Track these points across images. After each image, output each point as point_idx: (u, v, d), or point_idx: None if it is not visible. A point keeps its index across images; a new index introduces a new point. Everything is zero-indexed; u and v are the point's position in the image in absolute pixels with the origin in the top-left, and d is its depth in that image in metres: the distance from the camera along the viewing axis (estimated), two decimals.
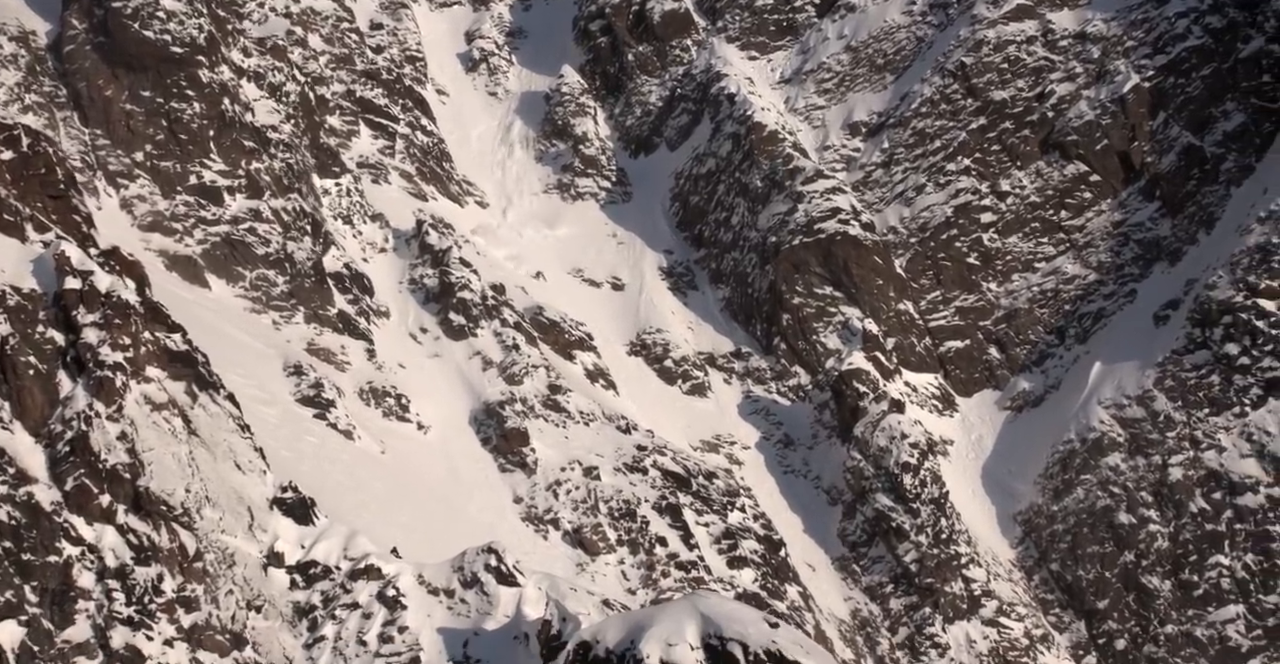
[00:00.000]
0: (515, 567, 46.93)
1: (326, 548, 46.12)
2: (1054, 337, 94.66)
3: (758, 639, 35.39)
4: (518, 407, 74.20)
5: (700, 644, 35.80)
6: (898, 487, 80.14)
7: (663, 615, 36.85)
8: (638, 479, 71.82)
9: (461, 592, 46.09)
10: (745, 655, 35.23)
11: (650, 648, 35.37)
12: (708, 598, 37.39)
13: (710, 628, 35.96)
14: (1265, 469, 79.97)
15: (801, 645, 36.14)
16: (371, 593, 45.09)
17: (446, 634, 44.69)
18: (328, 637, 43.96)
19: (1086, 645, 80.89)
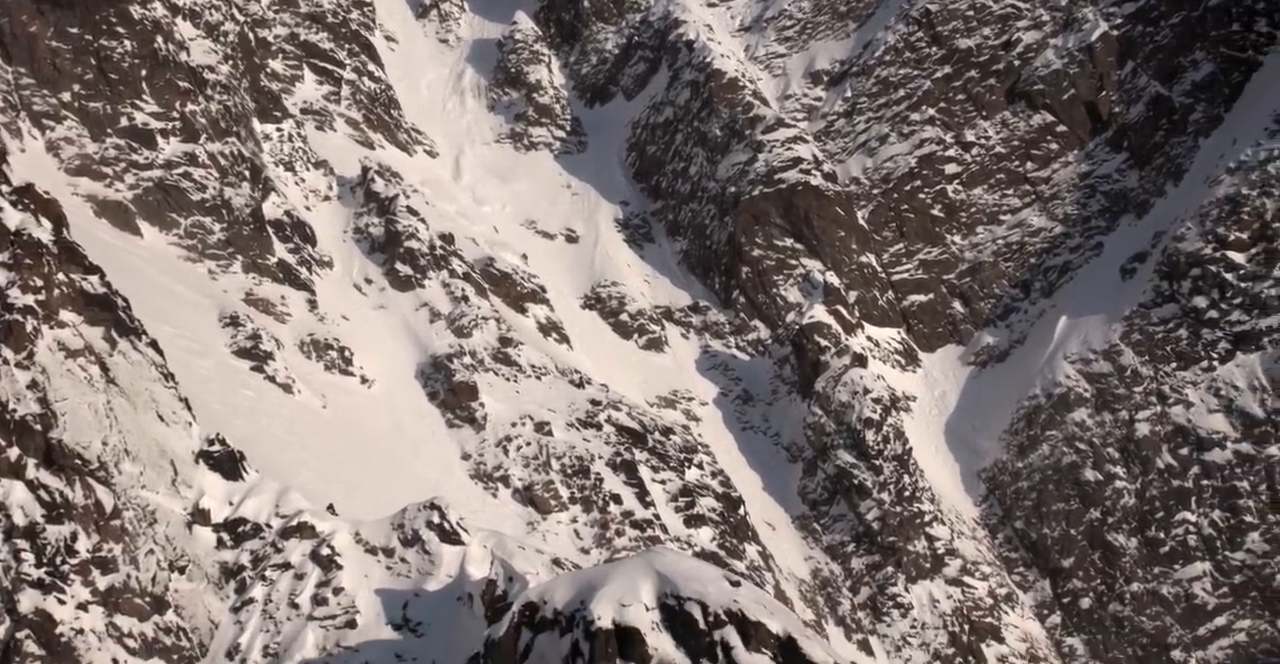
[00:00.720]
0: (459, 524, 44.16)
1: (256, 504, 43.17)
2: (1019, 290, 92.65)
3: (718, 599, 32.81)
4: (466, 360, 71.22)
5: (656, 604, 33.19)
6: (860, 443, 77.83)
7: (616, 574, 34.19)
8: (591, 435, 69.11)
9: (402, 550, 43.30)
10: (704, 616, 32.67)
11: (602, 609, 32.72)
12: (664, 555, 34.75)
13: (667, 587, 33.35)
14: (1233, 424, 78.25)
15: (764, 605, 33.60)
16: (305, 552, 42.21)
17: (385, 596, 41.90)
18: (257, 599, 41.10)
19: (1051, 604, 79.08)
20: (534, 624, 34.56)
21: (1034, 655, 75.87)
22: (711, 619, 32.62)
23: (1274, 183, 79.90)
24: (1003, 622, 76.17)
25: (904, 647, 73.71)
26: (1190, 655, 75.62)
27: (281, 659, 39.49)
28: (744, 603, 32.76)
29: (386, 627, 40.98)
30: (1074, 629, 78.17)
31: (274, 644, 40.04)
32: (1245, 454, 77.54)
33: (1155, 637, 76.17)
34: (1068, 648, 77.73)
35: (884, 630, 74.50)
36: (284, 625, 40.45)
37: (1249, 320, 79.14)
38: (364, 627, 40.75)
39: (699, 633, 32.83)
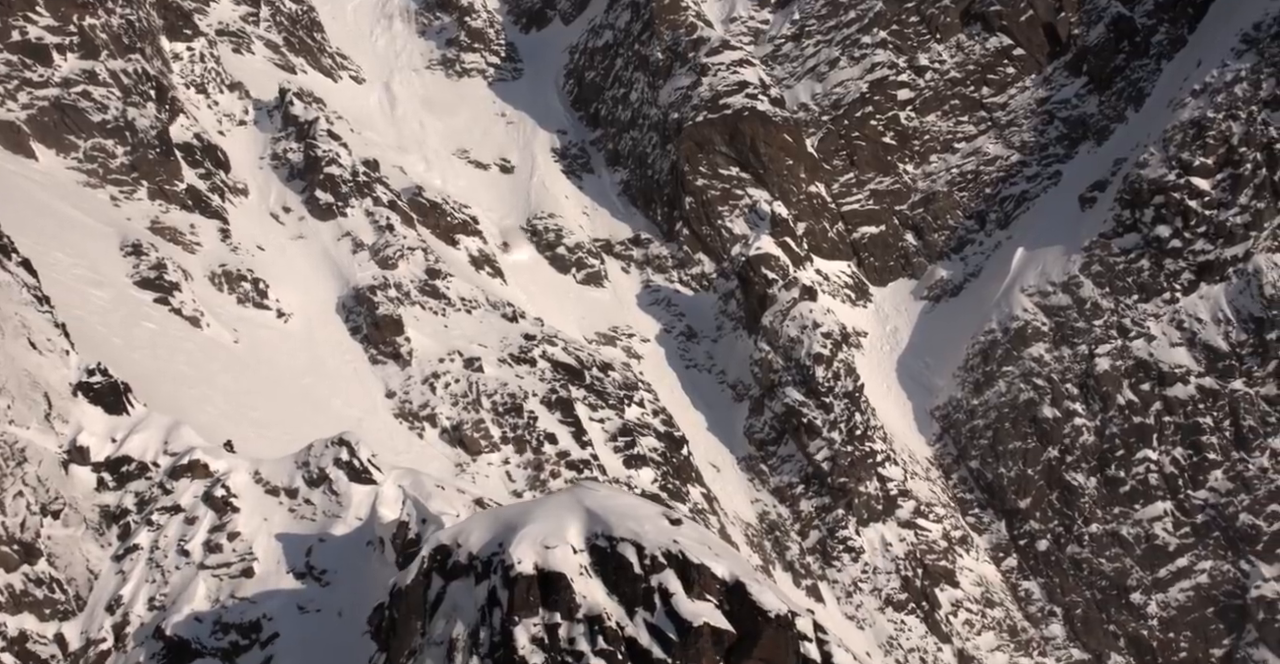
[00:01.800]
0: (371, 461, 39.85)
1: (143, 441, 38.56)
2: (974, 221, 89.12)
3: (655, 539, 28.80)
4: (391, 292, 66.62)
5: (585, 546, 29.22)
6: (809, 380, 74.07)
7: (539, 512, 30.10)
8: (525, 371, 64.86)
9: (306, 491, 38.95)
10: (640, 558, 28.69)
11: (522, 552, 28.64)
12: (595, 491, 30.67)
13: (597, 527, 29.33)
14: (1196, 358, 75.25)
15: (709, 546, 29.60)
16: (196, 494, 37.72)
17: (286, 541, 37.57)
18: (142, 546, 36.60)
19: (1007, 547, 76.02)
20: (446, 570, 30.46)
21: (989, 599, 72.78)
22: (648, 562, 28.71)
23: (1240, 105, 76.49)
24: (957, 565, 73.01)
25: (855, 592, 70.38)
26: (1150, 598, 72.83)
27: (169, 612, 35.11)
28: (685, 544, 28.81)
29: (287, 575, 36.70)
30: (1031, 572, 75.16)
31: (160, 596, 35.66)
32: (1209, 389, 74.57)
33: (1114, 579, 73.30)
34: (1024, 591, 74.71)
35: (834, 576, 71.13)
36: (172, 575, 36.05)
37: (1213, 250, 76.05)
38: (262, 575, 36.43)
39: (634, 578, 28.88)
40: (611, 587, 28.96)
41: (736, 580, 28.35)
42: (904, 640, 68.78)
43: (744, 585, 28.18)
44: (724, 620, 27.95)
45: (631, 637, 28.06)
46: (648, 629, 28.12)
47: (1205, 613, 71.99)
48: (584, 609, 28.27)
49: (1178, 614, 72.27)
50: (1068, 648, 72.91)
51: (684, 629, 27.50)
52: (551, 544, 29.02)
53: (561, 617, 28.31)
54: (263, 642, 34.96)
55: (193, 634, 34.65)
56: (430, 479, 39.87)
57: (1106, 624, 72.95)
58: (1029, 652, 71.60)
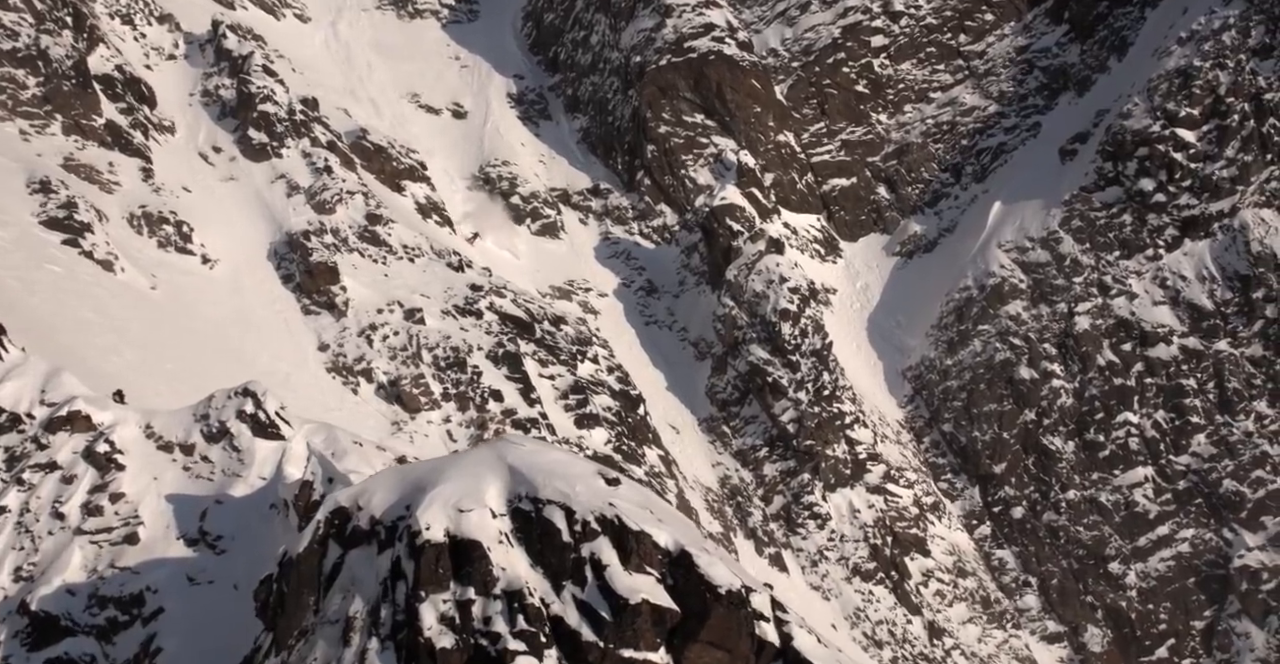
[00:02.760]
0: (279, 414, 35.48)
1: (16, 389, 34.05)
2: (949, 174, 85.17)
3: (587, 501, 24.66)
4: (327, 239, 62.01)
5: (506, 509, 25.10)
6: (774, 337, 69.96)
7: (454, 470, 25.89)
8: (470, 324, 60.48)
9: (204, 447, 34.58)
10: (569, 524, 24.60)
11: (431, 516, 24.45)
12: (520, 446, 26.42)
13: (521, 487, 25.18)
14: (1180, 317, 71.73)
15: (651, 511, 25.45)
16: (76, 449, 33.25)
17: (178, 503, 33.19)
18: (10, 508, 32.09)
19: (980, 514, 72.29)
20: (345, 537, 26.23)
21: (961, 569, 69.13)
22: (579, 529, 24.61)
23: (1228, 53, 72.64)
24: (928, 533, 69.26)
25: (820, 561, 66.55)
26: (1129, 568, 69.36)
27: (37, 584, 30.73)
28: (623, 508, 24.67)
29: (178, 541, 32.36)
30: (1005, 540, 71.52)
31: (29, 565, 31.27)
32: (1192, 350, 71.05)
33: (1092, 548, 69.77)
34: (998, 560, 71.10)
35: (799, 543, 67.26)
36: (44, 541, 31.63)
37: (1199, 204, 72.57)
38: (148, 542, 32.05)
39: (561, 547, 24.79)
40: (536, 557, 24.83)
41: (682, 550, 24.25)
42: (872, 612, 65.06)
43: (690, 557, 24.07)
44: (666, 597, 23.85)
45: (558, 615, 23.91)
46: (577, 607, 23.98)
47: (1186, 583, 68.61)
48: (502, 583, 24.10)
49: (1158, 585, 68.84)
50: (1043, 620, 69.43)
51: (619, 607, 23.38)
52: (466, 507, 24.85)
53: (476, 592, 24.13)
54: (145, 618, 30.55)
55: (63, 609, 30.21)
56: (347, 435, 35.57)
57: (1083, 595, 69.44)
58: (1002, 624, 68.01)
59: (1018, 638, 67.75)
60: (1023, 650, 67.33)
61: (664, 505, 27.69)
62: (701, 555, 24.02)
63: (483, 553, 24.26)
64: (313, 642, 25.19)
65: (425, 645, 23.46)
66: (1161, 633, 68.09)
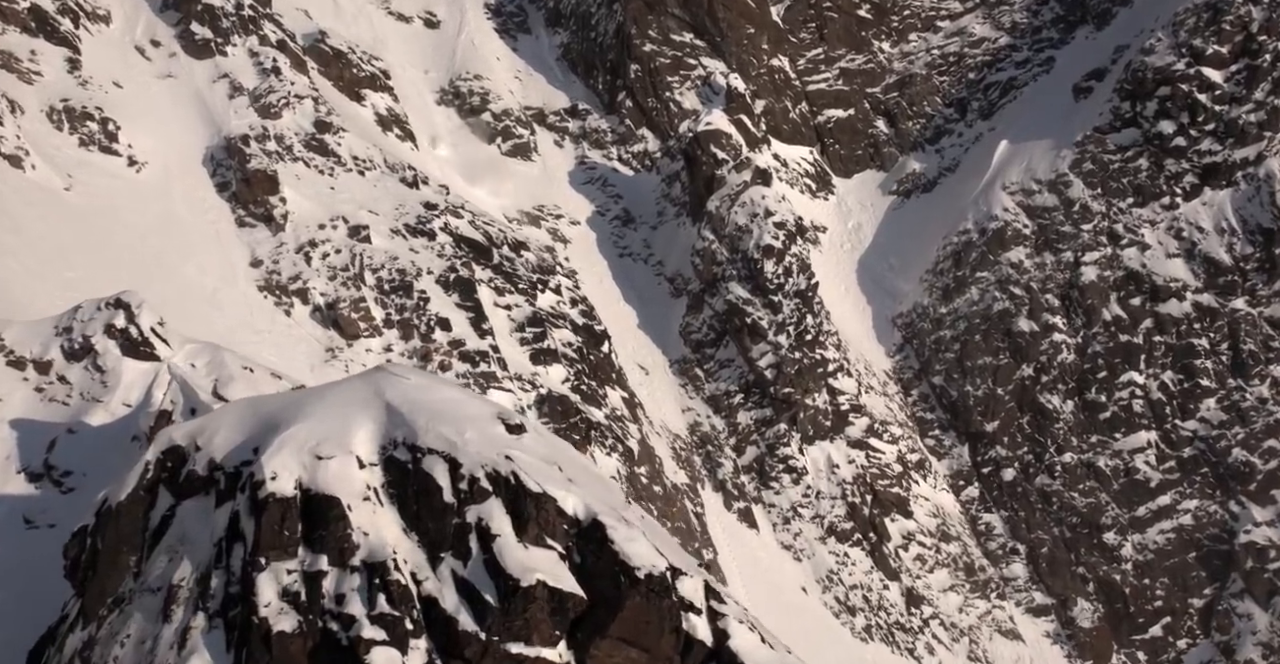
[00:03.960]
0: (156, 330, 30.23)
1: None
2: (954, 110, 79.62)
3: (479, 452, 19.54)
4: (270, 145, 56.31)
5: (378, 458, 20.13)
6: (756, 275, 64.63)
7: (317, 406, 20.78)
8: (421, 245, 54.98)
9: (63, 365, 29.39)
10: (454, 480, 19.60)
11: (280, 463, 19.40)
12: (403, 379, 21.27)
13: (399, 430, 20.10)
14: (1194, 272, 66.51)
15: (560, 466, 20.30)
16: None
17: (24, 430, 27.99)
18: None
19: (969, 474, 67.29)
20: (178, 483, 21.05)
21: (945, 533, 64.23)
22: (465, 487, 19.56)
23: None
24: (911, 493, 64.25)
25: (794, 518, 61.65)
26: (1125, 539, 64.53)
27: None
28: (523, 463, 19.56)
29: (18, 476, 27.28)
30: (993, 504, 66.58)
31: None
32: (1206, 307, 65.84)
33: (1087, 516, 64.87)
34: (984, 525, 66.23)
35: (771, 498, 62.34)
36: None
37: (1221, 151, 67.12)
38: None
39: (442, 509, 19.71)
40: (411, 521, 19.78)
41: (594, 520, 19.11)
42: (846, 575, 60.26)
43: (604, 528, 18.97)
44: (570, 579, 18.75)
45: (431, 596, 18.81)
46: (456, 586, 18.85)
47: (1186, 558, 63.79)
48: (363, 552, 19.10)
49: (1155, 558, 64.01)
50: (1029, 590, 64.65)
51: (509, 589, 18.28)
52: (326, 453, 19.76)
53: (330, 561, 19.08)
54: None
55: None
56: (237, 359, 30.26)
57: (1074, 566, 64.60)
58: (985, 593, 63.21)
59: (1001, 609, 63.00)
60: (1006, 622, 62.61)
61: (580, 462, 22.47)
62: (618, 527, 18.86)
63: (341, 512, 19.18)
64: (127, 614, 20.05)
65: (260, 627, 18.34)
66: (1156, 610, 63.37)
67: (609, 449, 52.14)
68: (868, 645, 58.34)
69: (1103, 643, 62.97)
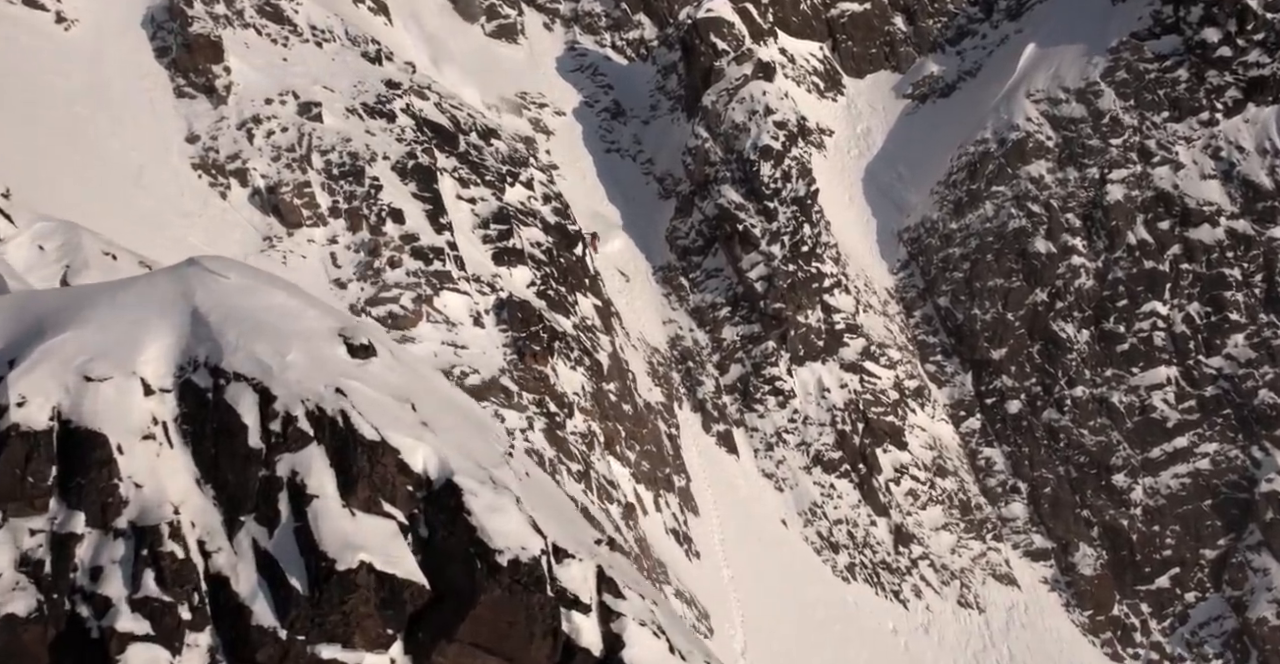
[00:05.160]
0: None
1: None
2: (978, 9, 73.64)
3: (300, 382, 14.40)
4: (217, 8, 50.45)
5: (171, 383, 14.88)
6: (751, 178, 59.23)
7: (103, 308, 15.51)
8: (379, 127, 49.43)
9: None
10: (263, 417, 14.30)
11: (32, 384, 14.32)
12: (221, 277, 16.08)
13: (202, 347, 14.92)
14: (1231, 195, 61.04)
15: (413, 403, 15.16)
16: None
17: None
18: None
19: (970, 405, 62.32)
20: None
21: (941, 467, 59.47)
22: (278, 429, 14.33)
23: None
24: (907, 422, 59.38)
25: (777, 445, 56.87)
26: (1136, 482, 59.70)
27: None
28: (360, 398, 14.47)
29: None
30: (996, 438, 61.66)
31: None
32: (1241, 234, 60.43)
33: (1096, 455, 59.98)
34: (984, 460, 61.39)
35: (754, 422, 57.52)
36: None
37: (1270, 63, 61.33)
38: None
39: (245, 457, 14.50)
40: (207, 470, 14.63)
41: (447, 481, 14.04)
42: (830, 509, 55.65)
43: (459, 493, 13.89)
44: (409, 560, 13.72)
45: (221, 575, 13.68)
46: (257, 562, 13.85)
47: (1201, 505, 59.00)
48: (134, 510, 13.98)
49: (1167, 504, 59.24)
50: (1028, 532, 60.01)
51: (323, 571, 13.25)
52: (99, 373, 14.54)
53: (89, 521, 13.98)
54: None
55: None
56: (98, 241, 25.06)
57: (1079, 509, 59.88)
58: (980, 533, 58.64)
59: (997, 551, 58.45)
60: (1001, 566, 58.09)
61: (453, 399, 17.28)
62: (480, 492, 13.71)
63: (107, 454, 14.05)
64: None
65: None
66: (1165, 560, 58.73)
67: (574, 362, 47.19)
68: (849, 585, 53.90)
69: (1104, 592, 58.46)
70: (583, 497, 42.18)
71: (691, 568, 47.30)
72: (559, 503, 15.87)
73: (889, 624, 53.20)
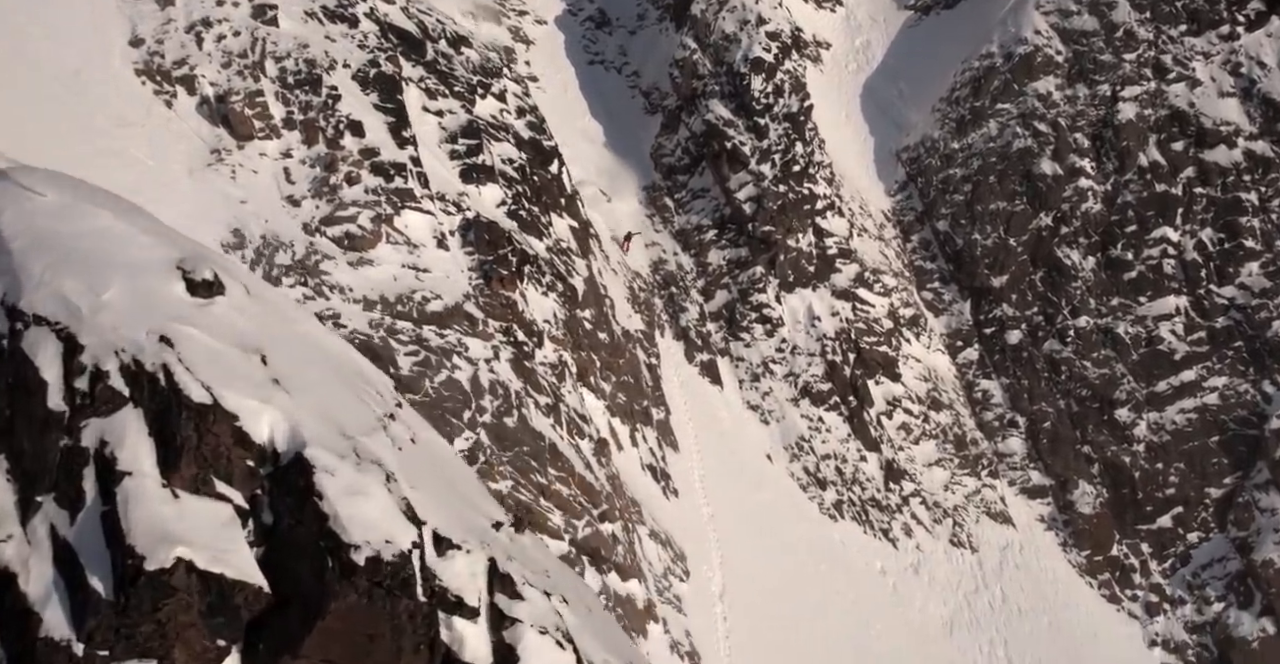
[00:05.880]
0: None
1: None
2: None
3: (116, 328, 11.31)
4: None
5: None
6: (741, 92, 55.89)
7: None
8: (339, 32, 45.90)
9: None
10: (67, 369, 11.24)
11: None
12: (33, 196, 13.04)
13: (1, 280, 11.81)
14: (1250, 115, 57.89)
15: (264, 354, 12.11)
16: None
17: None
18: None
19: (968, 335, 59.49)
20: None
21: (935, 399, 56.75)
22: (85, 388, 11.34)
23: None
24: (901, 352, 56.56)
25: (764, 375, 54.09)
26: (1140, 417, 57.10)
27: None
28: (191, 351, 11.42)
29: None
30: (994, 370, 58.93)
31: None
32: (1261, 156, 57.39)
33: (1099, 388, 57.32)
34: (981, 393, 58.71)
35: (740, 351, 54.71)
36: None
37: None
38: None
39: (45, 422, 11.46)
40: None
41: (296, 455, 11.07)
42: (818, 443, 53.00)
43: (310, 471, 10.93)
44: (245, 556, 10.70)
45: (8, 570, 10.74)
46: (55, 555, 11.00)
47: (1208, 442, 56.47)
48: None
49: (1172, 441, 56.70)
50: (1025, 469, 57.48)
51: (129, 571, 10.34)
52: None
53: None
54: None
55: None
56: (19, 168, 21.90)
57: (1079, 444, 57.33)
58: (975, 470, 56.06)
59: (992, 489, 55.94)
60: (996, 504, 55.59)
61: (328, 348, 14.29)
62: (338, 469, 10.63)
63: None
64: None
65: None
66: (1168, 498, 56.28)
67: (546, 288, 44.24)
68: (836, 523, 51.39)
69: (1103, 531, 56.04)
70: (551, 432, 39.50)
71: (669, 506, 44.72)
72: (453, 476, 12.98)
73: (877, 564, 50.79)
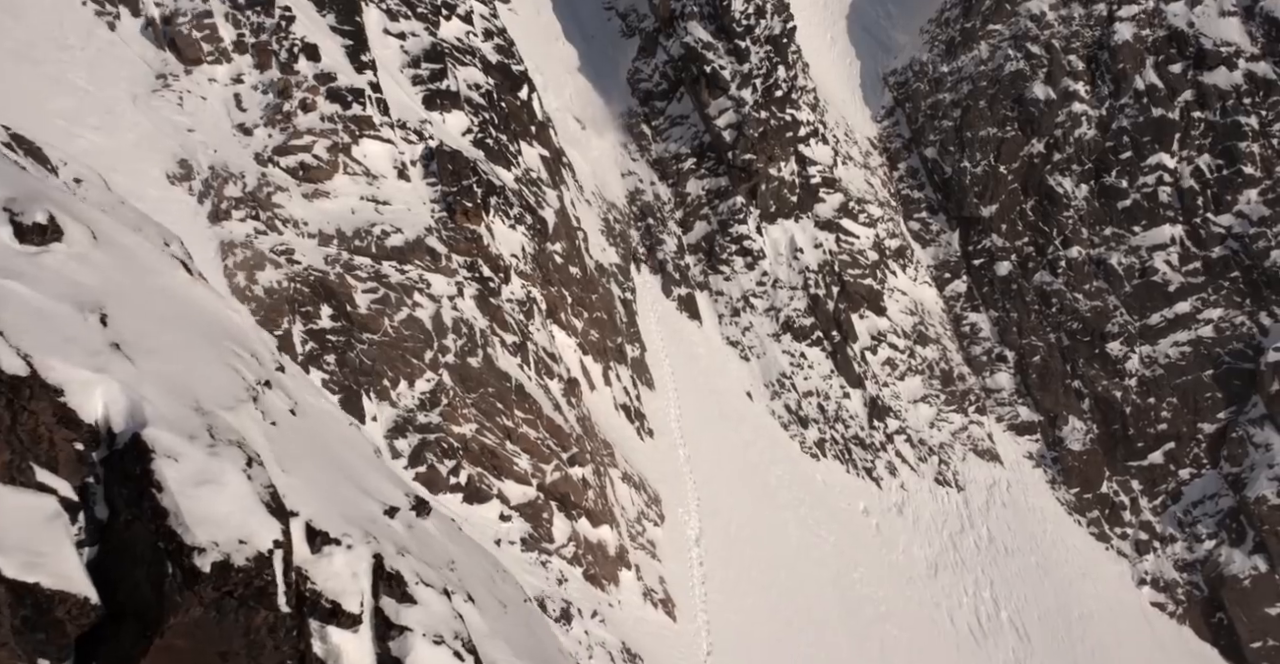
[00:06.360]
0: None
1: None
2: None
3: None
4: None
5: None
6: (721, 14, 53.42)
7: None
8: None
9: None
10: None
11: None
12: None
13: None
14: (1251, 35, 55.52)
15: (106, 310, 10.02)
16: None
17: None
18: None
19: (956, 266, 57.62)
20: None
21: (922, 334, 54.92)
22: None
23: None
24: (886, 285, 54.67)
25: (744, 310, 52.20)
26: (1133, 350, 55.36)
27: None
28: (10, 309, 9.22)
29: None
30: (983, 302, 57.17)
31: None
32: (1261, 78, 55.09)
33: (1090, 321, 55.54)
34: (969, 326, 56.94)
35: (719, 285, 52.79)
36: None
37: None
38: None
39: None
40: None
41: (133, 437, 8.96)
42: (800, 379, 51.21)
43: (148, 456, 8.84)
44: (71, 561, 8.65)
45: None
46: None
47: (1201, 376, 54.82)
48: None
49: (1165, 374, 55.05)
50: (1014, 404, 55.86)
51: None
52: None
53: None
54: None
55: None
56: None
57: (1069, 379, 55.69)
58: (963, 406, 54.38)
59: (980, 425, 54.32)
60: (983, 441, 53.99)
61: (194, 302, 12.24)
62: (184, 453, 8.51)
63: None
64: None
65: None
66: (1159, 434, 54.74)
67: (514, 220, 42.12)
68: (818, 462, 49.75)
69: (1093, 468, 54.54)
70: (518, 372, 37.62)
71: (643, 447, 42.92)
72: (341, 455, 11.05)
73: (860, 504, 49.20)
